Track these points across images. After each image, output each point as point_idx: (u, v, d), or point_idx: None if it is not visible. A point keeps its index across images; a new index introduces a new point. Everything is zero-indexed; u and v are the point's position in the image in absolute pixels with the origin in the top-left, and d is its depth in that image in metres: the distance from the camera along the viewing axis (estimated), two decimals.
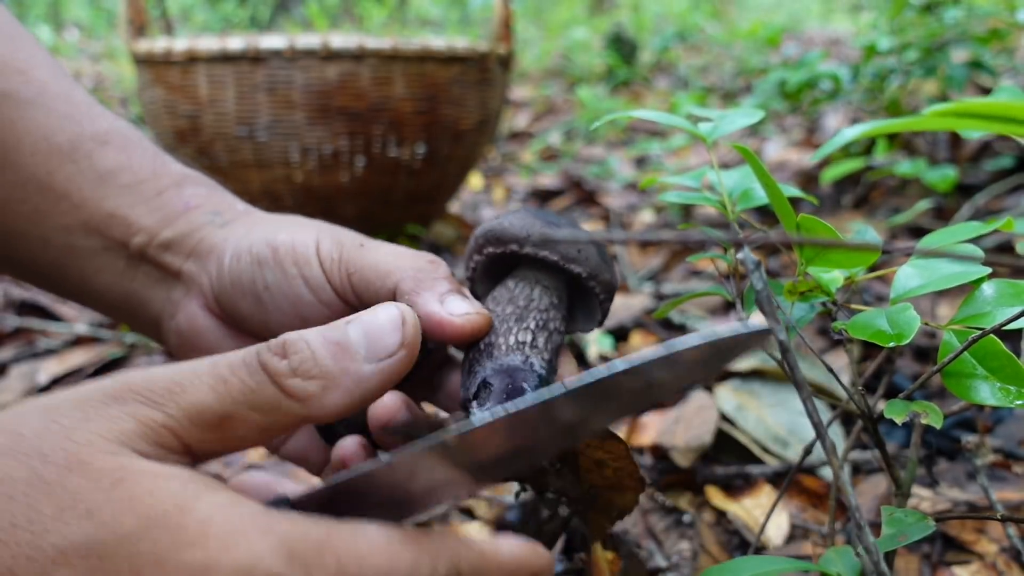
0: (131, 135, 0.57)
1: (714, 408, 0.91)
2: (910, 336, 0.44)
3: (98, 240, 0.53)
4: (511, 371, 0.45)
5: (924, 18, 1.57)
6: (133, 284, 0.54)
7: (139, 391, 0.34)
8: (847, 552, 0.53)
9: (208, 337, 0.54)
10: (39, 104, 0.53)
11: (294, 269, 0.50)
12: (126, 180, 0.54)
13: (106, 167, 0.54)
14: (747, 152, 0.48)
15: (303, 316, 0.50)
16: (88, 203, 0.53)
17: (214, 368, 0.35)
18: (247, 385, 0.35)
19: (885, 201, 1.64)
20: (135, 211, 0.54)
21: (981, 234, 0.51)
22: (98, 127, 0.55)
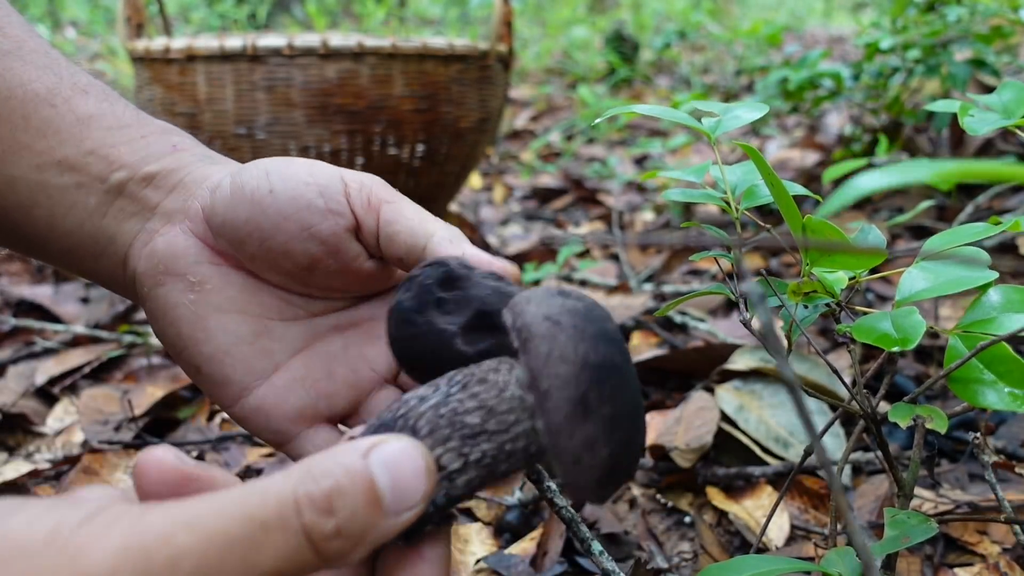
0: (111, 91, 0.55)
1: (715, 408, 0.90)
2: (915, 341, 0.44)
3: (72, 177, 0.50)
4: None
5: (926, 16, 1.56)
6: (104, 220, 0.51)
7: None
8: (848, 553, 0.53)
9: (185, 260, 0.49)
10: (15, 55, 0.52)
11: (309, 178, 0.47)
12: (108, 123, 0.52)
13: (87, 111, 0.51)
14: (752, 150, 0.47)
15: (305, 223, 0.46)
16: (67, 142, 0.50)
17: (246, 528, 0.29)
18: (282, 552, 0.29)
19: (887, 200, 1.64)
20: (117, 150, 0.51)
21: (987, 236, 0.50)
22: (78, 79, 0.53)
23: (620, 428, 0.33)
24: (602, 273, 1.49)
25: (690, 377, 1.04)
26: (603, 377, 0.32)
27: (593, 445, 0.32)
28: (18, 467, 0.92)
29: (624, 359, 0.34)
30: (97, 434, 0.98)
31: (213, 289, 0.49)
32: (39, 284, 1.44)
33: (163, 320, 0.49)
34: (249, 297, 0.49)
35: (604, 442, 0.32)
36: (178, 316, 0.48)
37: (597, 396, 0.32)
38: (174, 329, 0.49)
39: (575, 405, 0.31)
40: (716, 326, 1.19)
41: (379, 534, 0.31)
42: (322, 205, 0.46)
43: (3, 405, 1.02)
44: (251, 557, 0.28)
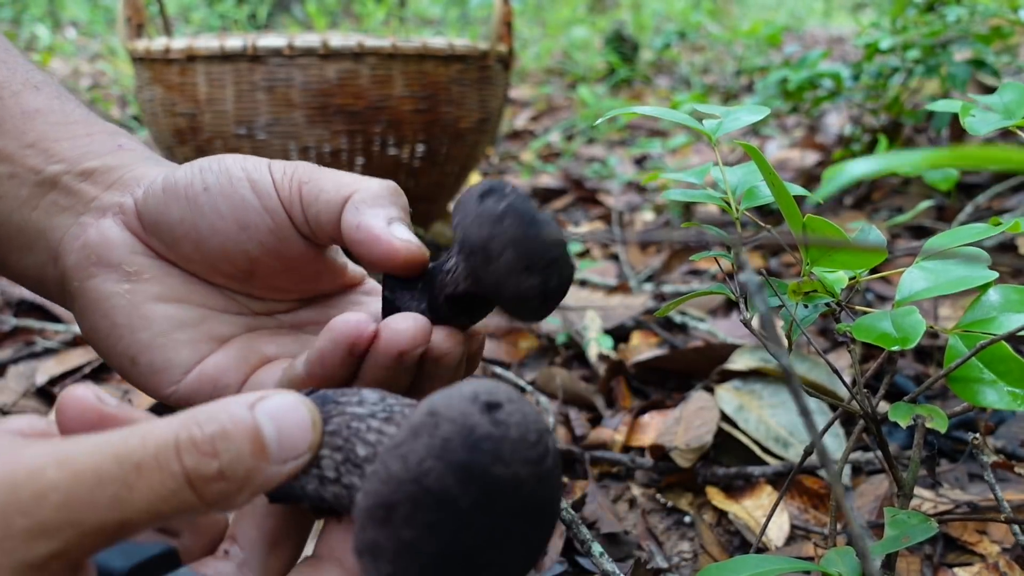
0: (65, 91, 0.53)
1: (715, 408, 0.90)
2: (915, 340, 0.44)
3: (5, 167, 0.49)
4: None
5: (926, 17, 1.56)
6: (34, 213, 0.49)
7: (31, 518, 0.27)
8: (848, 553, 0.53)
9: (120, 251, 0.47)
10: None
11: (241, 173, 0.46)
12: (55, 119, 0.50)
13: (33, 106, 0.50)
14: (753, 150, 0.47)
15: (242, 222, 0.45)
16: (8, 134, 0.49)
17: (120, 468, 0.29)
18: (158, 493, 0.29)
19: (887, 200, 1.64)
20: (59, 144, 0.49)
21: (987, 236, 0.50)
22: (31, 76, 0.52)
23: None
24: (602, 273, 1.50)
25: (690, 377, 1.05)
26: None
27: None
28: None
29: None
30: None
31: (151, 279, 0.47)
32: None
33: (95, 313, 0.47)
34: (190, 289, 0.48)
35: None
36: (112, 306, 0.46)
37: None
38: (107, 320, 0.46)
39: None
40: (716, 326, 1.19)
41: (263, 480, 0.32)
42: (256, 203, 0.45)
43: (4, 405, 1.03)
44: (123, 496, 0.28)
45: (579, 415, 0.99)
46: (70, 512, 0.28)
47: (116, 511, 0.28)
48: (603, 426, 0.96)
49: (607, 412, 1.00)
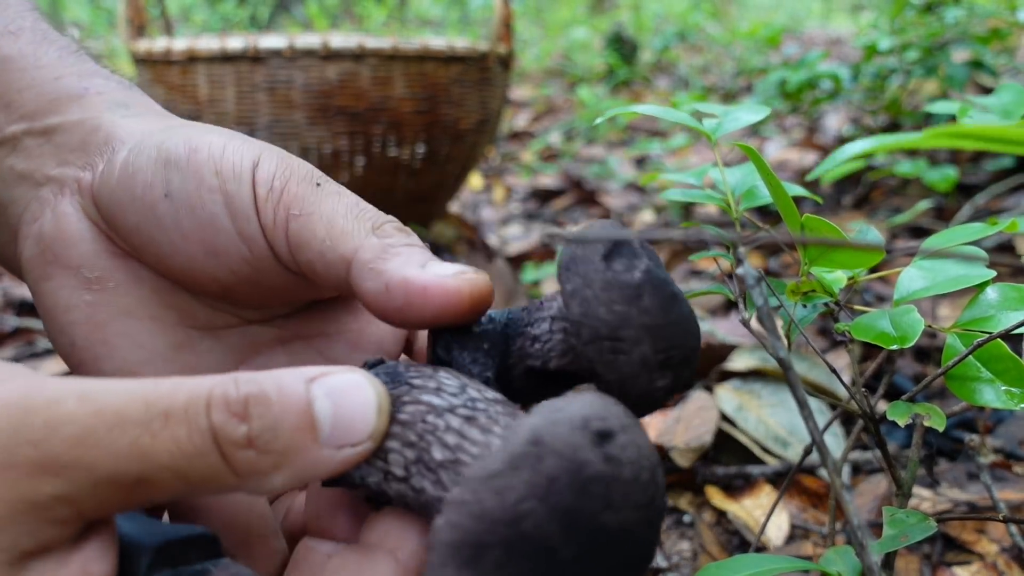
0: (53, 36, 0.45)
1: (714, 408, 0.91)
2: (914, 339, 0.44)
3: None
4: None
5: (924, 18, 1.57)
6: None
7: (39, 449, 0.24)
8: (847, 552, 0.53)
9: (78, 248, 0.38)
10: None
11: (214, 179, 0.35)
12: (23, 65, 0.41)
13: (5, 54, 0.42)
14: (751, 151, 0.48)
15: (210, 247, 0.36)
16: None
17: (146, 412, 0.26)
18: (183, 449, 0.26)
19: (886, 201, 1.64)
20: (21, 96, 0.40)
21: (984, 236, 0.51)
22: (15, 21, 0.44)
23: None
24: None
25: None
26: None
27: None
28: None
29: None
30: None
31: (116, 288, 0.38)
32: None
33: (52, 325, 0.38)
34: (164, 301, 0.39)
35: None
36: (70, 322, 0.37)
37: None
38: (66, 337, 0.38)
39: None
40: (716, 326, 1.20)
41: (310, 462, 0.28)
42: (230, 227, 0.36)
43: None
44: (145, 443, 0.25)
45: None
46: (84, 450, 0.25)
47: (135, 460, 0.25)
48: None
49: None
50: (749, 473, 0.84)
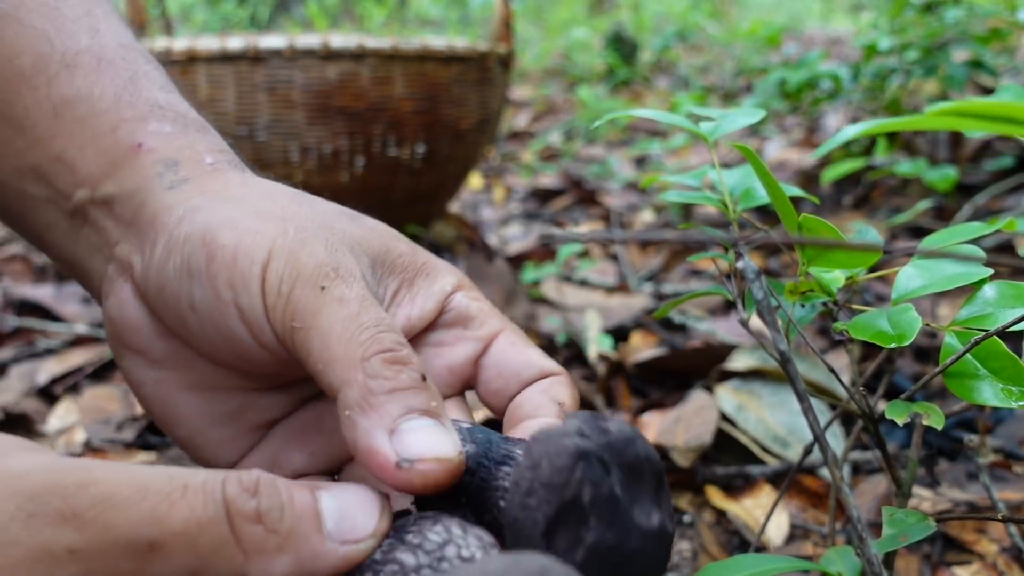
0: (110, 54, 0.44)
1: (714, 408, 0.91)
2: (911, 337, 0.44)
3: (44, 189, 0.43)
4: None
5: (924, 18, 1.57)
6: (76, 248, 0.43)
7: (66, 502, 0.27)
8: (847, 552, 0.53)
9: (139, 335, 0.41)
10: (13, 19, 0.43)
11: (228, 293, 0.37)
12: (82, 112, 0.42)
13: (64, 96, 0.42)
14: (749, 152, 0.48)
15: (239, 353, 0.39)
16: (40, 142, 0.42)
17: (167, 483, 0.28)
18: (196, 514, 0.28)
19: (885, 201, 1.64)
20: (83, 154, 0.42)
21: (983, 235, 0.51)
22: (71, 45, 0.43)
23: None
24: (602, 273, 1.50)
25: (689, 377, 1.05)
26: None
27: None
28: None
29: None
30: (99, 433, 0.99)
31: (176, 367, 0.41)
32: (41, 283, 1.45)
33: (137, 394, 0.43)
34: (220, 373, 0.41)
35: None
36: (145, 396, 0.42)
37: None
38: (147, 406, 0.43)
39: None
40: (715, 326, 1.20)
41: (314, 552, 0.30)
42: (249, 339, 0.37)
43: (5, 405, 1.03)
44: (162, 511, 0.28)
45: None
46: (106, 508, 0.27)
47: (151, 525, 0.27)
48: None
49: (607, 412, 1.00)
50: (749, 473, 0.84)
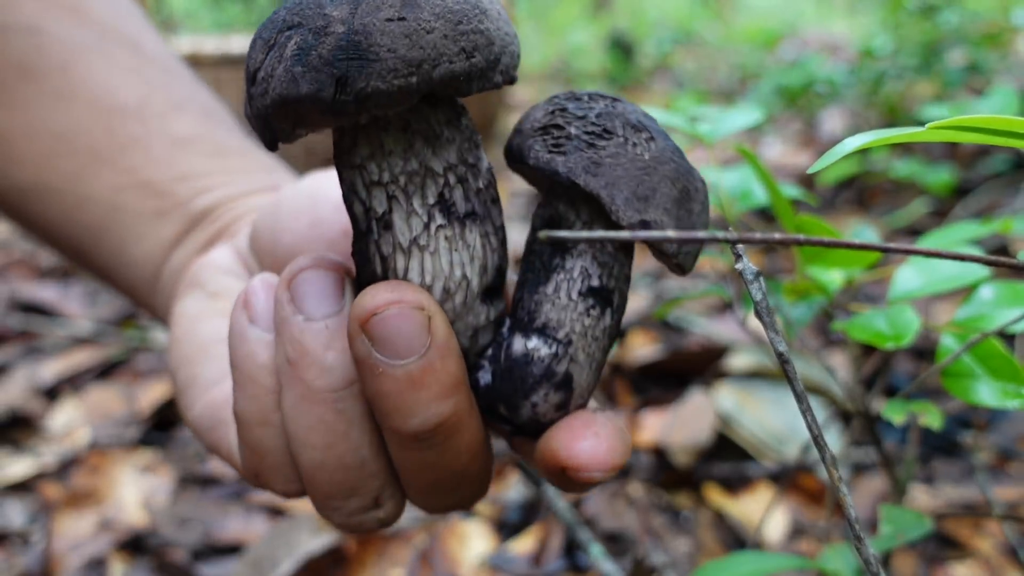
0: (211, 106, 0.49)
1: (713, 407, 0.91)
2: (909, 337, 0.45)
3: (154, 203, 0.46)
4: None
5: (920, 22, 1.58)
6: (176, 252, 0.46)
7: None
8: (844, 550, 0.54)
9: (209, 272, 0.45)
10: (98, 50, 0.46)
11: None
12: (208, 150, 0.47)
13: (182, 134, 0.46)
14: (748, 153, 0.48)
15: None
16: (156, 163, 0.45)
17: None
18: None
19: (883, 201, 1.65)
20: (214, 179, 0.46)
21: (979, 236, 0.51)
22: (172, 91, 0.47)
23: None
24: None
25: (688, 376, 1.06)
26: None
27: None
28: (26, 465, 0.93)
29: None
30: (103, 432, 0.99)
31: (228, 297, 0.47)
32: (46, 283, 1.45)
33: (171, 331, 0.46)
34: None
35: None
36: (181, 318, 0.46)
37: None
38: (171, 335, 0.46)
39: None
40: (714, 326, 1.20)
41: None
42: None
43: (11, 403, 1.03)
44: None
45: None
46: None
47: None
48: None
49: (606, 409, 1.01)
50: (747, 471, 0.85)
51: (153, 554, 0.81)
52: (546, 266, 0.37)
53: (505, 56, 0.35)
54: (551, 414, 0.37)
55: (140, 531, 0.83)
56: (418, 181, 0.35)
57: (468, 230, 0.36)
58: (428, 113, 0.35)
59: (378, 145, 0.35)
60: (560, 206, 0.37)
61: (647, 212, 0.35)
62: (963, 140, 0.29)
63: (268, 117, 0.33)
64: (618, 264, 0.37)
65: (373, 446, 0.38)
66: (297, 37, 0.32)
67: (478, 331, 0.38)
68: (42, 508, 0.88)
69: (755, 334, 0.75)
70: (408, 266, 0.36)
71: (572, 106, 0.37)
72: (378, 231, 0.36)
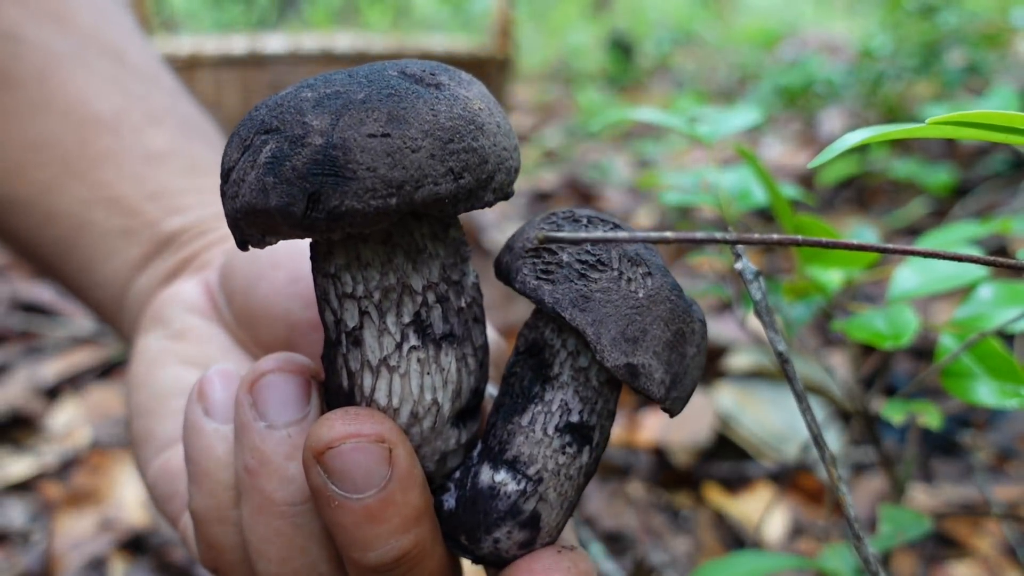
0: (191, 118, 0.48)
1: (712, 407, 0.92)
2: (907, 337, 0.45)
3: (121, 221, 0.44)
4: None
5: (919, 22, 1.58)
6: (142, 275, 0.45)
7: None
8: (843, 549, 0.54)
9: (174, 309, 0.44)
10: (78, 59, 0.44)
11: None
12: (182, 166, 0.45)
13: (157, 148, 0.45)
14: (748, 154, 0.49)
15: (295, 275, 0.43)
16: (126, 178, 0.44)
17: None
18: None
19: (882, 201, 1.65)
20: (186, 198, 0.44)
21: (978, 236, 0.52)
22: (152, 102, 0.46)
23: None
24: None
25: None
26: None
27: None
28: (27, 465, 0.93)
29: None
30: (103, 432, 0.99)
31: (192, 340, 0.44)
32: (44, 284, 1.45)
33: (129, 366, 0.45)
34: (224, 355, 0.45)
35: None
36: (140, 359, 0.45)
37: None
38: (128, 373, 0.45)
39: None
40: (714, 326, 1.21)
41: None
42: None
43: (12, 403, 1.03)
44: None
45: None
46: None
47: None
48: None
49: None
50: (746, 471, 0.85)
51: (153, 554, 0.81)
52: (524, 393, 0.35)
53: (500, 174, 0.32)
54: (514, 551, 0.35)
55: (141, 531, 0.83)
56: (394, 298, 0.33)
57: (444, 353, 0.34)
58: (413, 226, 0.33)
59: (355, 256, 0.33)
60: (546, 331, 0.35)
61: (635, 355, 0.33)
62: (963, 136, 0.29)
63: (238, 221, 0.31)
64: (602, 399, 0.35)
65: (332, 562, 0.36)
66: (273, 143, 0.30)
67: (447, 455, 0.36)
68: (43, 508, 0.88)
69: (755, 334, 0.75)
70: (376, 386, 0.34)
71: (568, 229, 0.35)
72: (347, 345, 0.33)
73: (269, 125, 0.30)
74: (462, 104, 0.31)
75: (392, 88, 0.30)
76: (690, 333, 0.35)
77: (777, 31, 2.62)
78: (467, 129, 0.31)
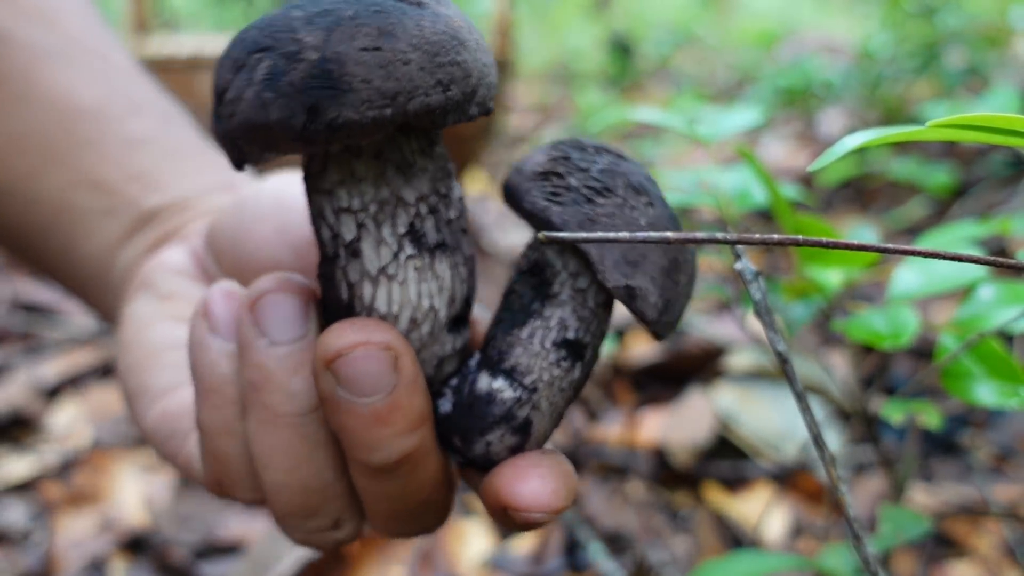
0: (173, 111, 0.49)
1: (712, 407, 0.92)
2: (907, 337, 0.45)
3: (104, 201, 0.45)
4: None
5: (918, 23, 1.58)
6: (124, 249, 0.46)
7: None
8: (843, 549, 0.54)
9: (162, 274, 0.45)
10: (63, 56, 0.46)
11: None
12: (163, 150, 0.46)
13: (139, 135, 0.46)
14: (747, 154, 0.49)
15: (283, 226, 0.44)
16: (108, 162, 0.45)
17: None
18: None
19: (882, 201, 1.66)
20: (165, 177, 0.46)
21: (977, 236, 0.52)
22: (133, 93, 0.47)
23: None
24: None
25: (688, 376, 1.06)
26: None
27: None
28: (27, 465, 0.93)
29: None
30: (104, 432, 0.99)
31: (180, 300, 0.45)
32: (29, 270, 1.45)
33: (120, 334, 0.46)
34: None
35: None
36: (132, 321, 0.45)
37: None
38: (120, 339, 0.46)
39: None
40: (713, 326, 1.21)
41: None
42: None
43: (12, 403, 1.03)
44: None
45: (579, 413, 1.00)
46: None
47: None
48: (602, 424, 0.97)
49: (606, 411, 1.01)
50: (746, 471, 0.85)
51: (154, 553, 0.81)
52: (525, 309, 0.37)
53: (482, 88, 0.34)
54: (503, 455, 0.37)
55: (141, 531, 0.84)
56: (389, 210, 0.35)
57: (438, 260, 0.36)
58: (402, 142, 0.35)
59: (349, 172, 0.34)
60: (549, 252, 0.37)
61: (634, 277, 0.34)
62: (963, 139, 0.29)
63: (236, 139, 0.32)
64: (597, 320, 0.37)
65: (336, 469, 0.38)
66: (268, 60, 0.31)
67: (443, 360, 0.38)
68: (43, 508, 0.88)
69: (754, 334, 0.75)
70: (375, 295, 0.35)
71: (576, 156, 0.37)
72: (346, 258, 0.35)
73: (262, 44, 0.31)
74: (444, 21, 0.32)
75: (378, 5, 0.31)
76: (684, 262, 0.36)
77: (776, 32, 2.62)
78: (451, 44, 0.32)
